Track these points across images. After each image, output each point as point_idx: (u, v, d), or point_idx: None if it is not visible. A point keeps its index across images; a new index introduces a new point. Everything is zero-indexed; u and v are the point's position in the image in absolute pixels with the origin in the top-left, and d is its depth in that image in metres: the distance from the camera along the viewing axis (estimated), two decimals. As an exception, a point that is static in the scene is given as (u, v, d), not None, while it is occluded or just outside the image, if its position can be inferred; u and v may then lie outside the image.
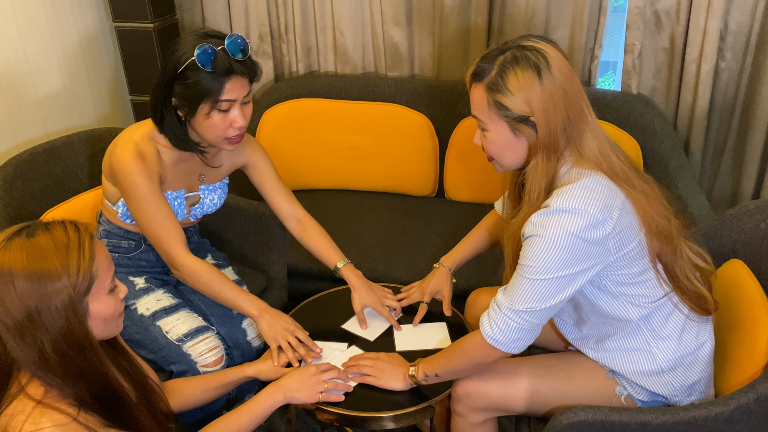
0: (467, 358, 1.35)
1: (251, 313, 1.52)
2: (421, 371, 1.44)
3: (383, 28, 2.46)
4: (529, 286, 1.23)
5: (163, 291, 1.65)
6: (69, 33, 2.31)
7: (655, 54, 2.25)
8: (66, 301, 1.01)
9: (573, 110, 1.23)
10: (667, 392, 1.34)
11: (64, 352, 1.02)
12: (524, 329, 1.25)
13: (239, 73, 1.41)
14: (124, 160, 1.47)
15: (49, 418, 1.01)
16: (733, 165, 2.29)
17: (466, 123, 2.32)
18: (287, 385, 1.33)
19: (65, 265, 1.01)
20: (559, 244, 1.19)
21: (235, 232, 2.01)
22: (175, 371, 1.55)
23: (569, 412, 1.19)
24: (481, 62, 1.27)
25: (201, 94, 1.40)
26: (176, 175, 1.59)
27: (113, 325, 1.13)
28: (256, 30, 2.55)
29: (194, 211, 1.68)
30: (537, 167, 1.26)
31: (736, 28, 2.11)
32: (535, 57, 1.21)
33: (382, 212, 2.35)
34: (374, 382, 1.46)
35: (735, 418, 1.18)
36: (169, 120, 1.48)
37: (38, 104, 2.20)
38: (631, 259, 1.26)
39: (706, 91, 2.16)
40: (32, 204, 1.79)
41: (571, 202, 1.19)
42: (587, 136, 1.25)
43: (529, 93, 1.21)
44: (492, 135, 1.28)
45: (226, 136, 1.47)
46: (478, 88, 1.27)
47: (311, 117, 2.44)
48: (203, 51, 1.37)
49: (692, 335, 1.34)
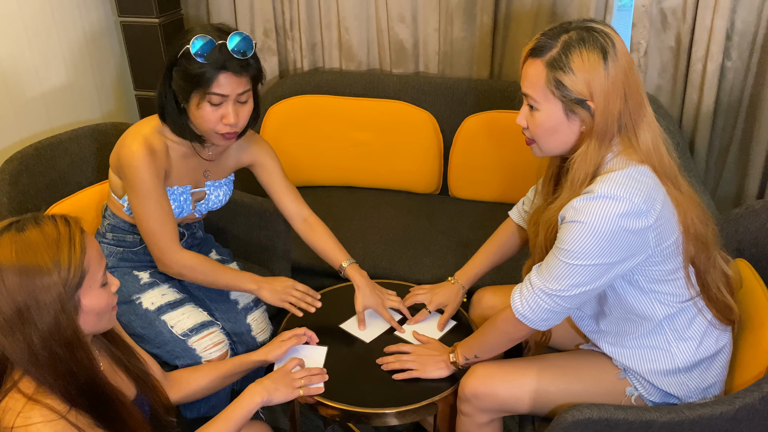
0: (499, 334, 1.36)
1: (251, 288, 1.59)
2: (461, 355, 1.45)
3: (388, 25, 2.45)
4: (564, 269, 1.21)
5: (168, 285, 1.65)
6: (74, 28, 2.31)
7: (661, 53, 2.24)
8: (55, 298, 1.01)
9: (633, 99, 1.20)
10: (681, 393, 1.33)
11: (53, 349, 1.02)
12: (553, 311, 1.25)
13: (233, 70, 1.41)
14: (132, 153, 1.48)
15: (39, 413, 1.01)
16: (738, 164, 2.28)
17: (470, 120, 2.32)
18: (265, 387, 1.34)
19: (55, 259, 1.01)
20: (600, 230, 1.16)
21: (240, 228, 2.01)
22: (180, 366, 1.55)
23: (574, 409, 1.19)
24: (542, 37, 1.23)
25: (192, 83, 1.41)
26: (183, 170, 1.59)
27: (106, 319, 1.12)
28: (261, 26, 2.55)
29: (199, 206, 1.68)
30: (587, 153, 1.22)
31: (742, 28, 2.10)
32: (603, 39, 1.18)
33: (386, 209, 2.35)
34: (419, 375, 1.46)
35: (740, 417, 1.18)
36: (169, 106, 1.49)
37: (43, 99, 2.20)
38: (667, 256, 1.25)
39: (711, 91, 2.16)
40: (38, 198, 1.79)
41: (615, 189, 1.17)
42: (643, 127, 1.23)
43: (592, 75, 1.17)
44: (542, 115, 1.24)
45: (217, 131, 1.48)
46: (535, 64, 1.22)
47: (316, 113, 2.44)
48: (200, 42, 1.38)
49: (712, 339, 1.33)
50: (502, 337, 1.37)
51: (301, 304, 1.59)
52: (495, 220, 2.26)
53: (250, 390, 1.32)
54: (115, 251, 1.66)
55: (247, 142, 1.69)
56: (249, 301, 1.73)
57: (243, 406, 1.29)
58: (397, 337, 1.62)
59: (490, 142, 2.29)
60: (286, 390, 1.36)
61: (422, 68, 2.53)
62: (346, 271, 1.66)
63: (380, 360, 1.51)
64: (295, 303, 1.59)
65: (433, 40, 2.45)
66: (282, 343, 1.48)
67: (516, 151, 2.26)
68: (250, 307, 1.72)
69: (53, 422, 1.01)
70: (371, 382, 1.49)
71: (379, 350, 1.58)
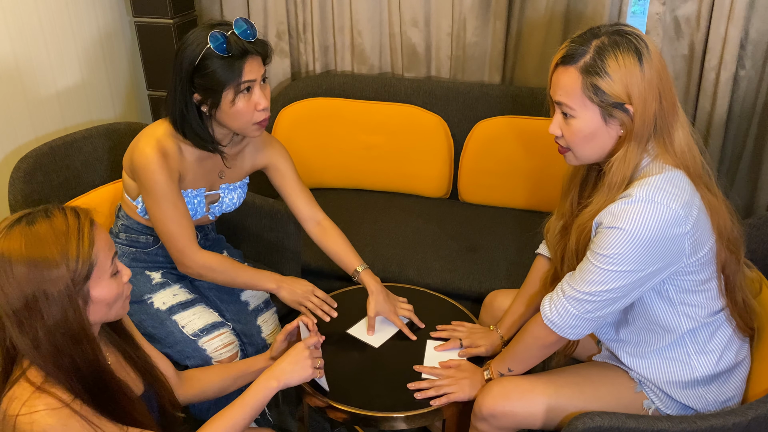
0: (531, 341, 1.35)
1: (271, 287, 1.59)
2: (495, 370, 1.44)
3: (401, 29, 2.46)
4: (599, 275, 1.20)
5: (180, 286, 1.66)
6: (89, 28, 2.33)
7: (674, 61, 2.23)
8: (63, 290, 1.02)
9: (667, 100, 1.20)
10: (699, 406, 1.32)
11: (59, 341, 1.03)
12: (582, 317, 1.24)
13: (254, 52, 1.42)
14: (145, 156, 1.48)
15: (43, 402, 1.02)
16: (749, 174, 2.27)
17: (481, 125, 2.32)
18: (281, 370, 1.28)
19: (64, 252, 1.02)
20: (639, 236, 1.16)
21: (251, 229, 2.01)
22: (190, 366, 1.56)
23: (585, 417, 1.18)
24: (572, 44, 1.21)
25: (223, 81, 1.41)
26: (198, 173, 1.59)
27: (118, 307, 1.13)
28: (274, 28, 2.56)
29: (213, 209, 1.68)
30: (626, 157, 1.20)
31: (756, 37, 2.09)
32: (636, 41, 1.17)
33: (395, 213, 2.35)
34: (459, 398, 1.44)
35: (752, 429, 1.17)
36: (191, 119, 1.48)
37: (57, 98, 2.21)
38: (701, 265, 1.24)
39: (724, 99, 2.15)
40: (51, 196, 1.80)
41: (654, 193, 1.16)
42: (677, 129, 1.22)
43: (629, 78, 1.16)
44: (580, 122, 1.23)
45: (254, 121, 1.48)
46: (569, 71, 1.21)
47: (327, 116, 2.44)
48: (216, 39, 1.39)
49: (732, 353, 1.33)
50: (534, 344, 1.35)
51: (318, 311, 1.58)
52: (505, 226, 2.28)
53: (266, 375, 1.27)
54: (128, 251, 1.67)
55: (263, 144, 1.69)
56: (260, 303, 1.73)
57: (259, 391, 1.24)
58: (407, 344, 1.62)
59: (501, 147, 2.29)
60: (302, 372, 1.29)
61: (434, 72, 2.53)
62: (360, 276, 1.66)
63: (413, 386, 1.47)
64: (312, 309, 1.58)
65: (446, 44, 2.45)
66: (282, 344, 1.46)
67: (527, 157, 2.26)
68: (260, 308, 1.72)
69: (57, 410, 1.02)
70: (380, 385, 1.49)
71: (388, 355, 1.58)
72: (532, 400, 1.36)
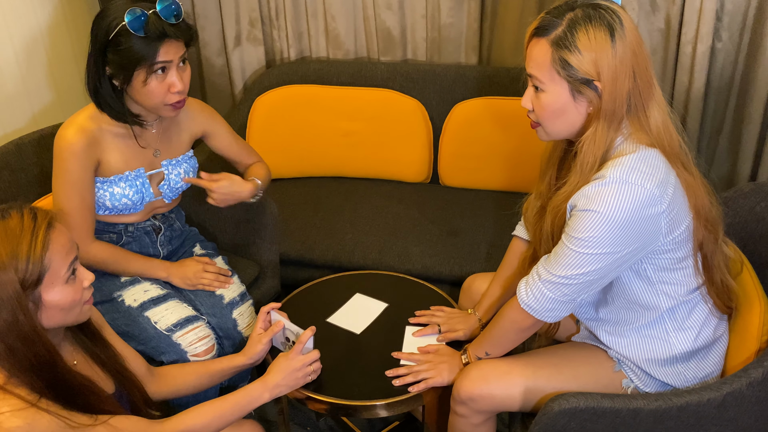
0: (508, 324, 1.34)
1: (162, 276, 1.63)
2: (472, 354, 1.43)
3: (375, 12, 2.42)
4: (575, 258, 1.19)
5: (151, 282, 1.63)
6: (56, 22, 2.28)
7: (651, 35, 2.21)
8: (11, 293, 1.00)
9: (642, 78, 1.17)
10: (678, 383, 1.32)
11: (12, 344, 1.02)
12: (558, 300, 1.23)
13: (173, 36, 1.38)
14: (65, 140, 1.46)
15: (8, 403, 1.01)
16: (729, 147, 2.26)
17: (459, 107, 2.30)
18: (274, 383, 1.33)
19: (13, 255, 1.00)
20: (613, 219, 1.14)
21: (225, 221, 1.99)
22: (166, 361, 1.54)
23: (560, 398, 1.18)
24: (547, 16, 1.19)
25: (135, 61, 1.37)
26: (128, 153, 1.56)
27: (76, 312, 1.11)
28: (247, 15, 2.52)
29: (163, 189, 1.65)
30: (596, 135, 1.18)
31: (732, 8, 2.07)
32: (609, 16, 1.15)
33: (376, 199, 2.34)
34: (437, 383, 1.44)
35: (727, 404, 1.17)
36: (104, 92, 1.45)
37: (27, 95, 2.17)
38: (678, 243, 1.23)
39: (702, 73, 2.13)
40: (19, 195, 1.77)
41: (627, 174, 1.14)
42: (653, 107, 1.20)
43: (599, 54, 1.14)
44: (548, 96, 1.21)
45: (166, 102, 1.45)
46: (540, 44, 1.18)
47: (303, 103, 2.41)
48: (135, 16, 1.34)
49: (710, 329, 1.32)
50: (511, 327, 1.34)
51: (214, 285, 1.64)
52: (486, 208, 2.26)
53: (260, 386, 1.32)
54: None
55: (194, 111, 1.67)
56: (235, 296, 1.71)
57: (248, 397, 1.29)
58: (386, 331, 1.60)
59: (479, 129, 2.27)
60: (296, 386, 1.38)
61: (410, 55, 2.50)
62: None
63: (391, 372, 1.46)
64: (208, 286, 1.64)
65: (421, 26, 2.42)
66: (259, 337, 1.46)
67: (506, 138, 2.24)
68: (235, 301, 1.70)
69: (22, 411, 1.01)
70: (359, 374, 1.49)
71: (367, 343, 1.57)
72: (510, 382, 1.35)
